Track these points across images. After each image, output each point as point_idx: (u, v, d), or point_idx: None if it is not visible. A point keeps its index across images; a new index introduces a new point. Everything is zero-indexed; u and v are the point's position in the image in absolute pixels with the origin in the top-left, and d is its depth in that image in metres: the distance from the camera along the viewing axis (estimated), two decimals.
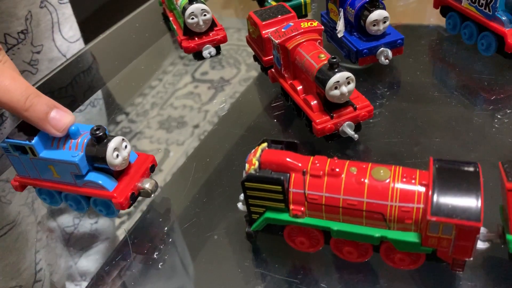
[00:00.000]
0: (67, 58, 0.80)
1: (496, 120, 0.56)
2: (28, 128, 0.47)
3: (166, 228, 0.49)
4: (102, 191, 0.47)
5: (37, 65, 0.78)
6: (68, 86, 0.75)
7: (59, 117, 0.46)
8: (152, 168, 0.51)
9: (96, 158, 0.46)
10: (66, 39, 0.82)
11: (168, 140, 0.62)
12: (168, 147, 0.61)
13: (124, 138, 0.47)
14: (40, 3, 0.76)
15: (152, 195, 0.49)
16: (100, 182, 0.47)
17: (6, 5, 0.71)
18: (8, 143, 0.47)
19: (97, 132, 0.46)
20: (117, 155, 0.46)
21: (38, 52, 0.78)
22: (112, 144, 0.46)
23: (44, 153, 0.47)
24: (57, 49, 0.80)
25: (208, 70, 0.75)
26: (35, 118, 0.45)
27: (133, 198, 0.48)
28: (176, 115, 0.66)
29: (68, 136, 0.47)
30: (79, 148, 0.47)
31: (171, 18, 0.77)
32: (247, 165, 0.41)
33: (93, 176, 0.47)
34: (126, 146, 0.47)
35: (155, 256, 0.46)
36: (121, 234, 0.50)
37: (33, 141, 0.46)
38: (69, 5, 0.82)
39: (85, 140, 0.47)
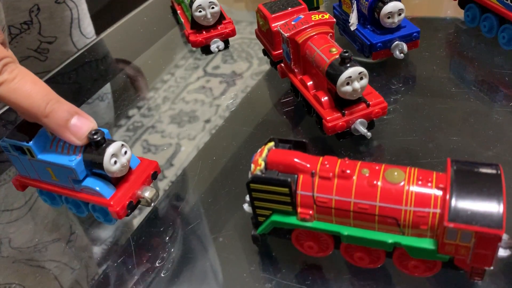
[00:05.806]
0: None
1: None
2: (27, 128, 0.45)
3: (170, 230, 0.47)
4: (99, 198, 0.45)
5: (47, 54, 0.79)
6: (75, 79, 0.74)
7: (80, 124, 0.43)
8: (155, 175, 0.48)
9: (93, 164, 0.44)
10: (84, 35, 0.83)
11: (179, 134, 0.61)
12: (180, 141, 0.60)
13: (124, 143, 0.44)
14: None
15: (152, 204, 0.46)
16: (97, 188, 0.44)
17: None
18: (8, 142, 0.46)
19: (95, 136, 0.43)
20: (115, 162, 0.43)
21: (50, 43, 0.78)
22: (110, 150, 0.43)
23: (42, 155, 0.45)
24: (73, 44, 0.81)
25: (220, 64, 0.73)
26: (54, 124, 0.43)
27: (131, 207, 0.45)
28: (188, 109, 0.65)
29: None
30: (77, 152, 0.44)
31: (178, 11, 0.75)
32: (252, 166, 0.39)
33: (90, 182, 0.45)
34: (125, 152, 0.44)
35: (158, 261, 0.45)
36: (123, 236, 0.49)
37: (30, 143, 0.44)
38: (85, 1, 0.83)
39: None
